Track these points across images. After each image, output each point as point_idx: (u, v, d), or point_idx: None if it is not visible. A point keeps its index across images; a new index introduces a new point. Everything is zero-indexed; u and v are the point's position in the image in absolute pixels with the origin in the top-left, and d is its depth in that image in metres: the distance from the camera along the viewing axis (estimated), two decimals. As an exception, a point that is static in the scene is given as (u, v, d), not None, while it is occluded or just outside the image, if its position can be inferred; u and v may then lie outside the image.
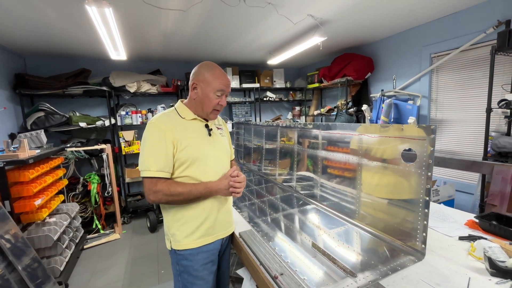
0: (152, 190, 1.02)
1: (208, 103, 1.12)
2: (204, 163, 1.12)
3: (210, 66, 1.13)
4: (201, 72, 1.12)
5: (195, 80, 1.12)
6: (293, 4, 2.10)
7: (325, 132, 1.53)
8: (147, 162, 1.03)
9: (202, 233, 1.14)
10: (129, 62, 3.83)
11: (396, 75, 3.11)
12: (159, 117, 1.10)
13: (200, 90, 1.11)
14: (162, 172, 1.03)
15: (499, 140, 2.02)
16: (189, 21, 2.40)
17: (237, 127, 3.06)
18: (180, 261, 1.14)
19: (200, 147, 1.12)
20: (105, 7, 1.73)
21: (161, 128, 1.05)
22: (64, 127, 3.18)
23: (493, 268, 0.86)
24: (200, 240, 1.13)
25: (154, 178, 1.03)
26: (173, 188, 1.03)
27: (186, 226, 1.12)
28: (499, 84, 2.17)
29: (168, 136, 1.04)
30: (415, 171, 1.01)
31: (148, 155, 1.04)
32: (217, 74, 1.12)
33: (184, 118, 1.13)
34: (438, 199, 2.20)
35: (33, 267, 1.75)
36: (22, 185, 2.13)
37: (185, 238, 1.12)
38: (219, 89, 1.11)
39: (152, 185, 1.03)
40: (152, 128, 1.06)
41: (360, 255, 1.04)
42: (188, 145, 1.08)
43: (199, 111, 1.16)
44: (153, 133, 1.05)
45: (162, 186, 1.02)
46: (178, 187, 1.04)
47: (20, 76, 2.99)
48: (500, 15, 2.16)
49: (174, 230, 1.12)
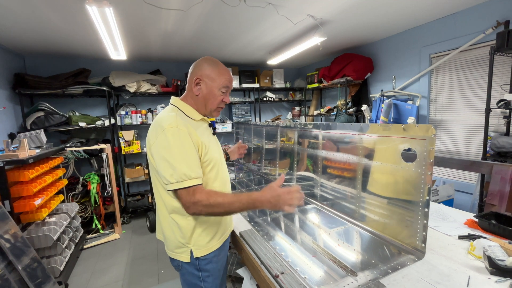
0: (191, 202, 0.91)
1: (213, 100, 1.06)
2: (217, 165, 1.07)
3: (214, 61, 1.07)
4: (204, 67, 1.05)
5: (198, 75, 1.04)
6: (293, 4, 2.11)
7: (325, 132, 1.54)
8: (181, 171, 0.90)
9: (222, 232, 1.12)
10: (129, 62, 3.83)
11: (396, 75, 3.12)
12: (175, 119, 0.96)
13: (204, 86, 1.05)
14: (198, 179, 0.93)
15: (498, 140, 2.03)
16: (189, 21, 2.40)
17: (237, 127, 3.06)
18: (204, 266, 1.07)
19: (217, 149, 1.09)
20: (106, 7, 1.74)
21: (185, 132, 0.94)
22: (64, 127, 3.18)
23: (492, 267, 0.87)
24: (221, 239, 1.12)
25: (191, 188, 0.91)
26: (213, 199, 0.91)
27: (208, 230, 1.06)
28: (498, 84, 2.18)
29: (193, 139, 0.96)
30: (415, 170, 1.01)
31: (180, 162, 0.91)
32: (222, 70, 1.06)
33: (194, 119, 1.06)
34: (437, 198, 2.21)
35: (33, 267, 1.75)
36: (22, 185, 2.13)
37: (209, 242, 1.06)
38: (224, 85, 1.06)
39: (190, 196, 0.91)
40: (177, 133, 0.93)
41: (360, 254, 1.05)
42: (209, 147, 1.02)
43: (202, 109, 1.09)
44: (180, 138, 0.93)
45: (200, 196, 0.91)
46: (218, 197, 0.92)
47: (19, 75, 2.99)
48: (499, 16, 2.17)
49: (196, 238, 1.04)
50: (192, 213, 0.94)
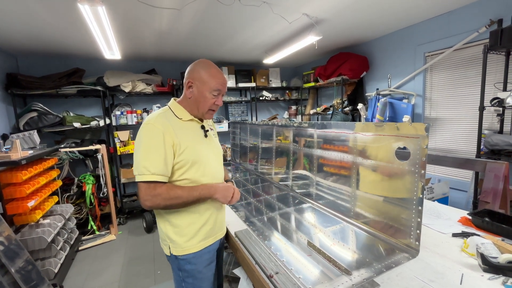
0: (150, 195, 0.97)
1: (204, 102, 1.09)
2: (203, 165, 1.09)
3: (207, 64, 1.09)
4: (197, 70, 1.08)
5: (191, 78, 1.08)
6: (288, 3, 2.10)
7: (321, 131, 1.54)
8: (144, 165, 0.97)
9: (204, 235, 1.12)
10: (124, 62, 3.80)
11: (391, 74, 3.13)
12: (156, 117, 1.03)
13: (195, 89, 1.08)
14: (161, 176, 0.98)
15: (492, 138, 2.05)
16: (184, 20, 2.38)
17: (233, 127, 3.05)
18: (183, 266, 1.10)
19: (198, 149, 1.09)
20: (98, 6, 1.71)
21: (159, 130, 0.99)
22: (58, 128, 3.14)
23: (485, 264, 0.87)
24: (202, 242, 1.12)
25: (152, 183, 0.97)
26: (173, 192, 0.99)
27: (187, 230, 1.08)
28: (491, 82, 2.20)
29: (167, 139, 0.99)
30: (409, 169, 1.02)
31: (145, 157, 0.98)
32: (214, 73, 1.08)
33: (181, 119, 1.09)
34: (432, 196, 2.23)
35: (27, 269, 1.73)
36: (14, 187, 2.10)
37: (186, 243, 1.08)
38: (216, 88, 1.08)
39: (150, 190, 0.97)
40: (149, 129, 1.00)
41: (355, 253, 1.05)
42: (187, 148, 1.04)
43: (194, 110, 1.12)
44: (150, 134, 0.99)
45: (161, 190, 0.98)
46: (177, 190, 1.00)
47: (12, 76, 2.94)
48: (492, 14, 2.18)
49: (173, 235, 1.08)
50: (148, 206, 0.98)
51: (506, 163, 1.59)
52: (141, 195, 0.98)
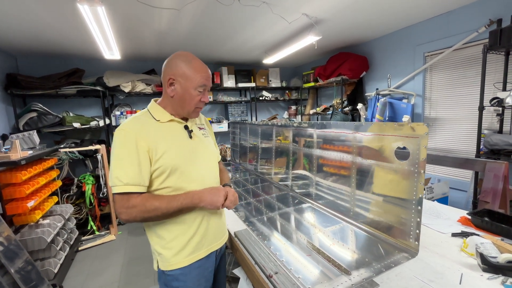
0: (124, 207, 0.87)
1: (190, 100, 0.98)
2: (187, 170, 0.97)
3: (188, 57, 0.97)
4: (177, 64, 0.96)
5: (172, 74, 0.96)
6: (287, 3, 2.10)
7: (320, 131, 1.54)
8: (116, 175, 0.87)
9: (193, 248, 1.00)
10: (123, 62, 3.80)
11: (391, 74, 3.13)
12: (129, 122, 0.94)
13: (178, 86, 0.96)
14: (135, 186, 0.88)
15: (491, 138, 2.05)
16: (183, 20, 2.38)
17: (233, 127, 3.05)
18: (170, 282, 0.99)
19: (181, 153, 0.97)
20: (97, 6, 1.71)
21: (131, 136, 0.89)
22: (58, 128, 3.14)
23: (484, 264, 0.87)
24: (191, 256, 1.00)
25: (126, 194, 0.87)
26: (149, 203, 0.88)
27: (174, 243, 0.97)
28: (491, 82, 2.20)
29: (140, 144, 0.89)
30: (408, 168, 1.02)
31: (117, 167, 0.88)
32: (198, 67, 0.97)
33: (159, 121, 0.98)
34: (432, 196, 2.23)
35: (27, 270, 1.73)
36: (14, 187, 2.10)
37: (174, 257, 0.97)
38: (201, 84, 0.97)
39: (124, 201, 0.87)
40: (120, 136, 0.90)
41: (355, 253, 1.05)
42: (166, 152, 0.93)
43: (178, 110, 1.01)
44: (122, 141, 0.90)
45: (136, 201, 0.87)
46: (154, 201, 0.89)
47: (11, 76, 2.94)
48: (491, 14, 2.18)
49: (160, 249, 0.98)
50: (125, 220, 0.89)
51: (506, 163, 1.59)
52: (116, 207, 0.89)
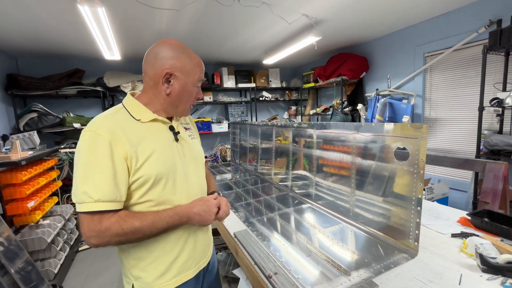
0: (94, 231, 0.68)
1: (188, 98, 0.85)
2: (173, 180, 0.81)
3: (183, 48, 0.83)
4: (175, 56, 0.80)
5: (168, 68, 0.79)
6: (287, 3, 2.11)
7: (320, 131, 1.54)
8: (84, 190, 0.68)
9: (179, 268, 0.84)
10: (124, 62, 3.81)
11: (391, 74, 3.14)
12: (100, 121, 0.74)
13: (177, 83, 0.81)
14: (110, 202, 0.70)
15: (491, 138, 2.05)
16: (183, 21, 2.39)
17: (233, 127, 3.05)
18: None
19: (166, 159, 0.80)
20: (98, 7, 1.72)
21: (103, 139, 0.70)
22: (58, 128, 3.15)
23: (484, 265, 0.87)
24: (178, 278, 0.84)
25: (97, 213, 0.68)
26: (128, 224, 0.70)
27: (155, 264, 0.81)
28: (491, 83, 2.20)
29: (116, 150, 0.71)
30: (408, 169, 1.02)
31: (85, 179, 0.69)
32: (196, 60, 0.84)
33: (139, 120, 0.80)
34: (432, 197, 2.22)
35: (27, 270, 1.73)
36: (14, 187, 2.10)
37: (156, 280, 0.81)
38: (200, 79, 0.86)
39: (95, 223, 0.68)
40: (90, 140, 0.71)
41: (354, 254, 1.05)
42: (149, 159, 0.76)
43: (168, 109, 0.85)
44: (92, 146, 0.70)
45: (109, 222, 0.69)
46: (134, 220, 0.71)
47: (12, 76, 2.95)
48: (491, 15, 2.18)
49: (139, 272, 0.81)
50: (94, 245, 0.70)
51: (506, 163, 1.59)
52: (83, 230, 0.69)
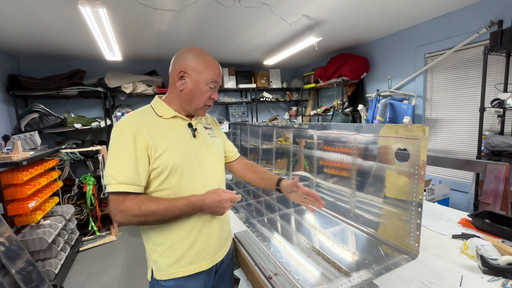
0: (118, 209, 0.80)
1: (200, 96, 0.93)
2: (189, 171, 0.90)
3: (201, 52, 0.94)
4: (190, 58, 0.92)
5: (183, 67, 0.91)
6: (288, 4, 2.11)
7: (321, 132, 1.54)
8: (111, 173, 0.81)
9: (193, 257, 0.92)
10: (125, 63, 3.81)
11: (391, 75, 3.13)
12: (128, 116, 0.89)
13: (189, 80, 0.91)
14: (131, 185, 0.81)
15: (492, 139, 2.05)
16: (184, 21, 2.39)
17: (233, 128, 3.06)
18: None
19: (183, 152, 0.91)
20: (99, 8, 1.72)
21: (129, 131, 0.84)
22: (59, 129, 3.16)
23: (485, 266, 0.87)
24: (191, 267, 0.92)
25: (121, 194, 0.81)
26: (146, 206, 0.81)
27: (171, 250, 0.90)
28: (492, 83, 2.19)
29: (139, 140, 0.84)
30: (408, 170, 1.01)
31: (112, 164, 0.82)
32: (210, 62, 0.94)
33: (162, 117, 0.93)
34: (433, 198, 2.22)
35: (27, 270, 1.73)
36: (15, 187, 2.10)
37: (170, 266, 0.90)
38: (213, 80, 0.93)
39: (119, 203, 0.81)
40: (118, 131, 0.85)
41: (355, 255, 1.05)
42: (167, 150, 0.87)
43: (185, 106, 0.96)
44: (119, 136, 0.84)
45: (131, 203, 0.81)
46: (151, 204, 0.82)
47: (13, 77, 2.96)
48: (492, 16, 2.18)
49: (156, 256, 0.91)
50: (119, 222, 0.82)
51: (507, 164, 1.58)
52: (110, 208, 0.83)
